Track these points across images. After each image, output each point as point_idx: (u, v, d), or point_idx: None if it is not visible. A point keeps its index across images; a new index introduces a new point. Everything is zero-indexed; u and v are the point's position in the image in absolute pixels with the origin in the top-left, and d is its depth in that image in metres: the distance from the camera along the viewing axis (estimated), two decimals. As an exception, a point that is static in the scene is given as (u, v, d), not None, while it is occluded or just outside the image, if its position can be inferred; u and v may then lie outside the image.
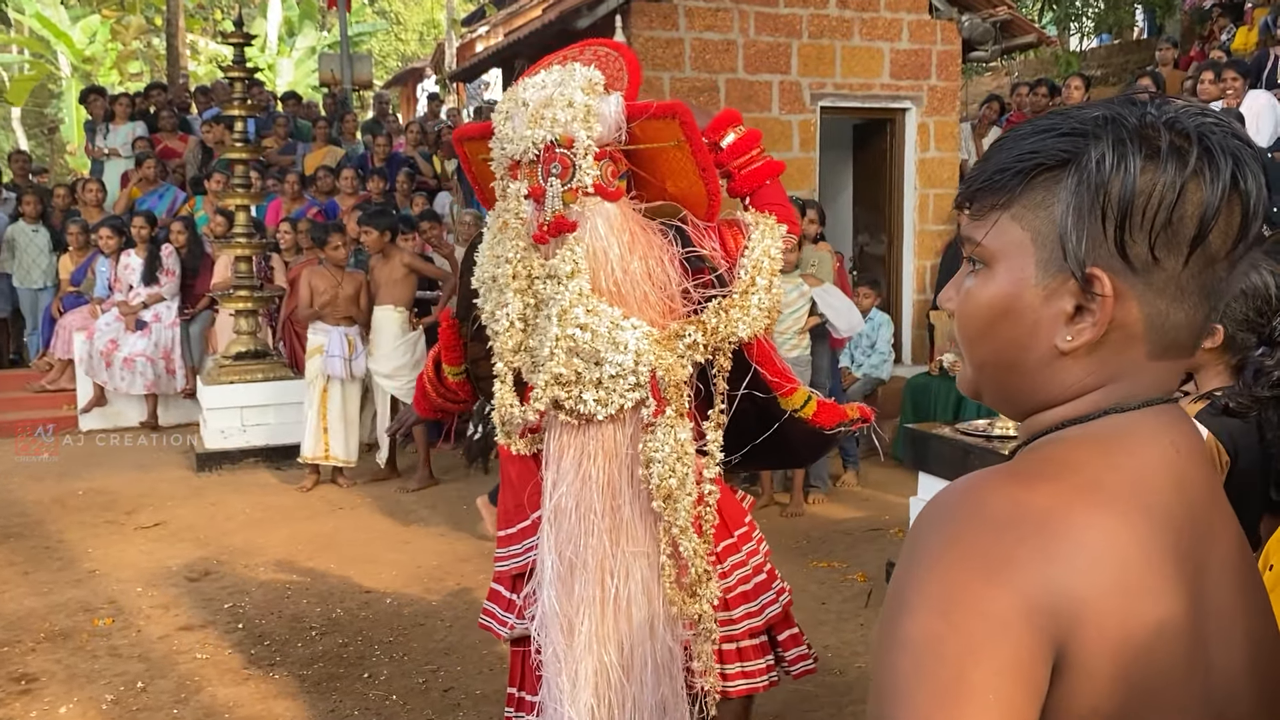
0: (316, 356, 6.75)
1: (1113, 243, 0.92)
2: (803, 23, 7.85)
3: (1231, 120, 0.95)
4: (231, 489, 6.92)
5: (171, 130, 11.46)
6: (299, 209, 9.70)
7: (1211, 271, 0.92)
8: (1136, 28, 16.42)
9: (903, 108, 8.24)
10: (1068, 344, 0.95)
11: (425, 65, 25.85)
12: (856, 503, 6.48)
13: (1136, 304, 0.93)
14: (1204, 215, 0.90)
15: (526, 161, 2.42)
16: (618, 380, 2.42)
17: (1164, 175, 0.90)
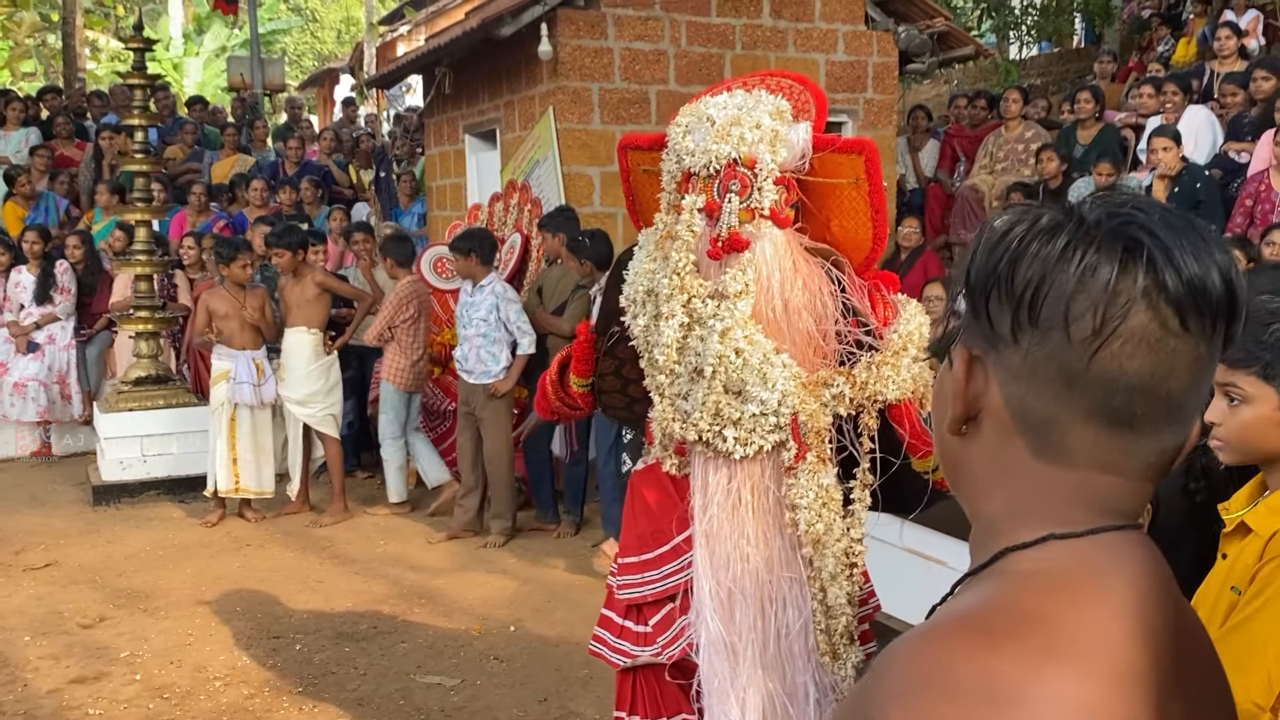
0: (222, 383, 6.62)
1: (977, 313, 0.93)
2: (736, 33, 7.92)
3: (1160, 208, 0.92)
4: (131, 525, 6.75)
5: (68, 137, 11.20)
6: (205, 222, 9.53)
7: (1070, 355, 0.89)
8: (1075, 36, 16.85)
9: (838, 121, 8.33)
10: (948, 422, 0.96)
11: (343, 65, 25.60)
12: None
13: (999, 390, 0.92)
14: (1068, 294, 0.88)
15: (704, 176, 2.53)
16: (759, 420, 2.51)
17: (1039, 252, 0.89)
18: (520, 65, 7.96)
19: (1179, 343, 0.88)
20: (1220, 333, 0.90)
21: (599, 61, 7.55)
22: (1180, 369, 0.89)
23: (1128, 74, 11.98)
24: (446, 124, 9.59)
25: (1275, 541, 1.78)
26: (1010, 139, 8.88)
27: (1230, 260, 0.90)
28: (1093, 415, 0.89)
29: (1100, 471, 0.90)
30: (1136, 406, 0.89)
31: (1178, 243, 0.88)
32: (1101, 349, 0.87)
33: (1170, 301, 0.87)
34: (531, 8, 7.27)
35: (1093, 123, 8.48)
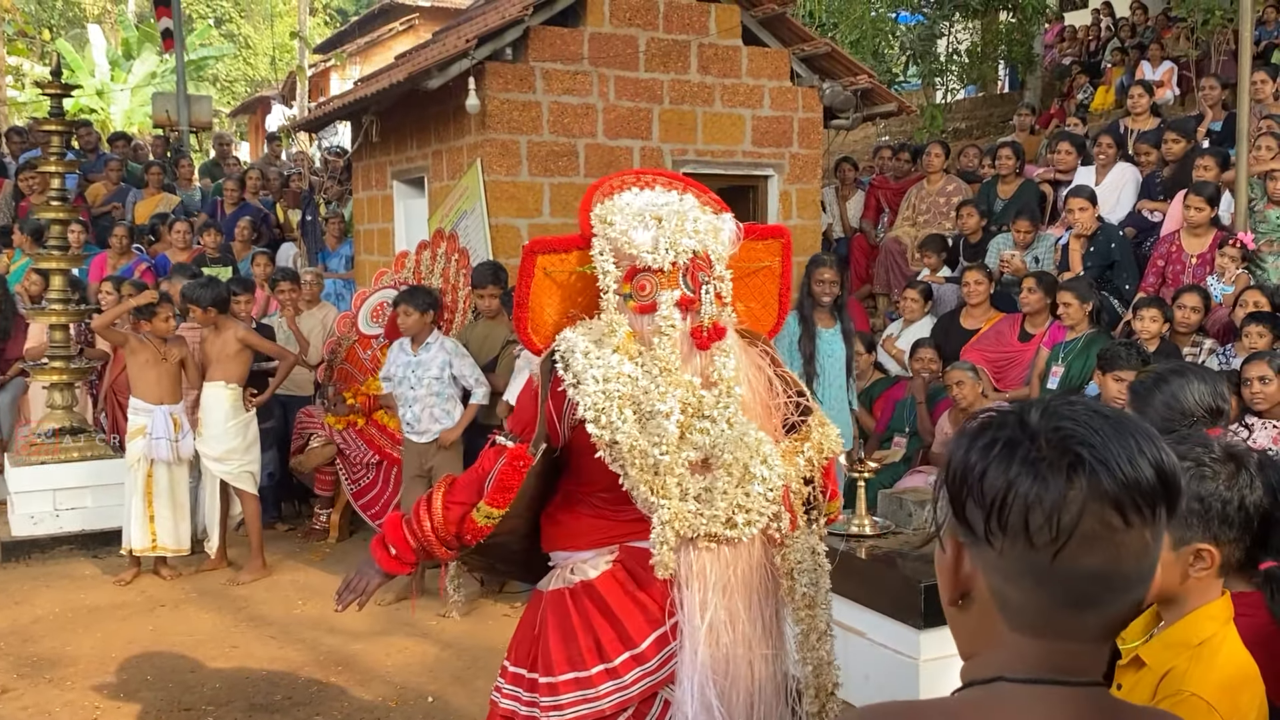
0: (139, 439, 6.49)
1: (958, 515, 1.11)
2: (664, 88, 8.00)
3: (1098, 417, 1.08)
4: (41, 583, 6.58)
5: (-15, 174, 10.95)
6: (126, 265, 9.37)
7: (1035, 557, 1.06)
8: (999, 81, 17.28)
9: (765, 175, 8.46)
10: (945, 598, 1.16)
11: (275, 94, 25.39)
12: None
13: (982, 577, 1.11)
14: (1027, 507, 1.05)
15: (666, 271, 2.65)
16: (761, 499, 2.64)
17: (1001, 467, 1.07)
18: (449, 115, 7.96)
19: (1125, 535, 1.06)
20: (1161, 514, 1.08)
21: (527, 114, 7.58)
22: (1130, 556, 1.07)
23: (1049, 120, 12.32)
24: (375, 168, 9.54)
25: (1168, 679, 1.80)
26: (932, 192, 9.07)
27: (1160, 451, 1.08)
28: (1059, 601, 1.07)
29: (1065, 640, 1.09)
30: (1096, 591, 1.07)
31: (1112, 449, 1.06)
32: (1061, 551, 1.05)
33: (1112, 504, 1.05)
34: (459, 60, 7.28)
35: (1013, 178, 8.70)
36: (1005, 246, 7.73)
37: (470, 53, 7.24)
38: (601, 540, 2.86)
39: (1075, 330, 6.31)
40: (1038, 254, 7.62)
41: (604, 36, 7.78)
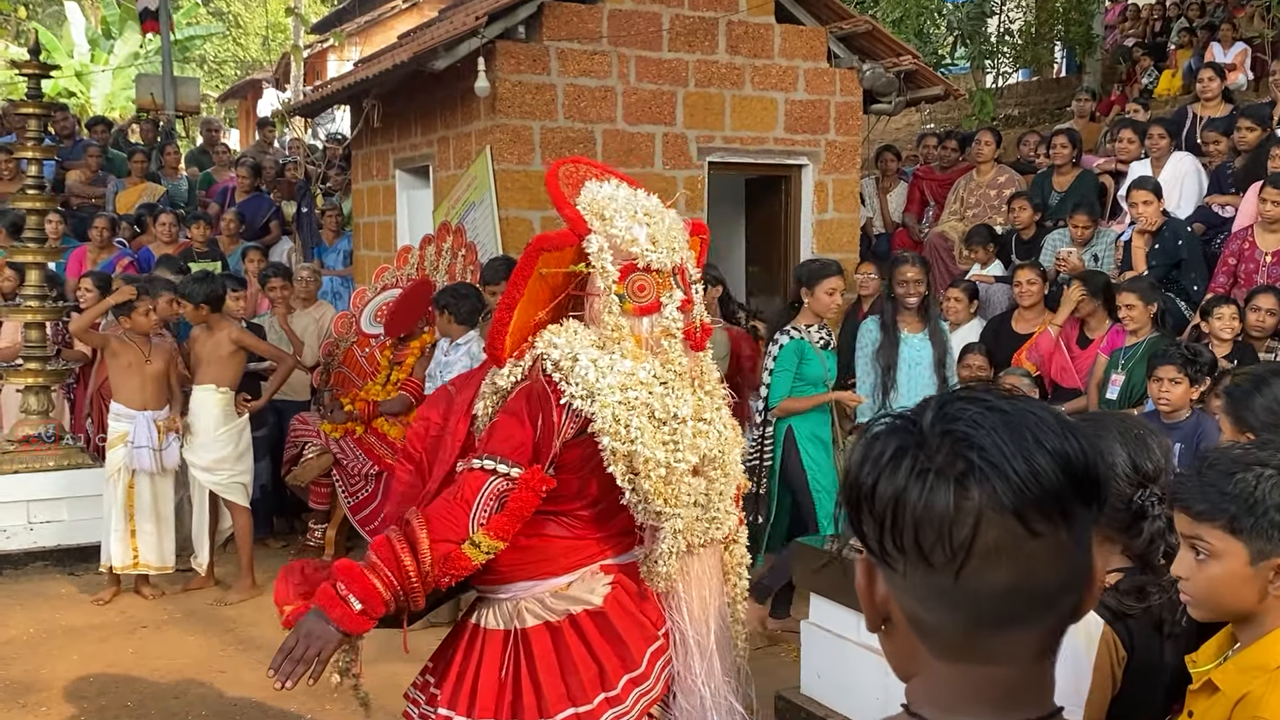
0: (119, 447, 6.53)
1: (860, 535, 1.07)
2: (689, 69, 8.02)
3: (995, 409, 1.03)
4: (13, 602, 6.63)
5: (-44, 161, 11.04)
6: (107, 259, 9.45)
7: (936, 577, 1.02)
8: (1056, 65, 17.24)
9: (798, 164, 8.46)
10: (869, 625, 1.12)
11: (267, 77, 25.53)
12: (745, 613, 6.52)
13: (895, 600, 1.07)
14: (916, 524, 1.01)
15: (660, 272, 2.83)
16: (731, 498, 2.97)
17: (890, 478, 1.03)
18: (456, 99, 8.01)
19: (1034, 544, 1.01)
20: (1078, 511, 1.02)
21: (540, 98, 7.62)
22: (1043, 564, 1.01)
23: (1109, 107, 12.29)
24: (376, 157, 9.60)
25: (1244, 705, 1.80)
26: (982, 184, 9.04)
27: (1065, 440, 1.02)
28: (975, 622, 1.03)
29: (996, 664, 1.04)
30: (1013, 608, 1.02)
31: (1005, 449, 1.00)
32: (963, 569, 1.00)
33: (1011, 512, 0.99)
34: (468, 40, 7.32)
35: (1069, 169, 8.66)
36: (1061, 243, 7.70)
37: (480, 31, 7.28)
38: (580, 561, 2.92)
39: (1137, 335, 6.28)
40: (1097, 251, 7.59)
41: (624, 13, 7.82)
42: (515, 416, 2.81)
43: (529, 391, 2.83)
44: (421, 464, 3.13)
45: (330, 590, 2.65)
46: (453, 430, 3.04)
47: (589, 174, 2.99)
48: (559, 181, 2.93)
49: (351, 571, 2.67)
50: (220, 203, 10.88)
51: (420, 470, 3.12)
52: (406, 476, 3.15)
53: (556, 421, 2.78)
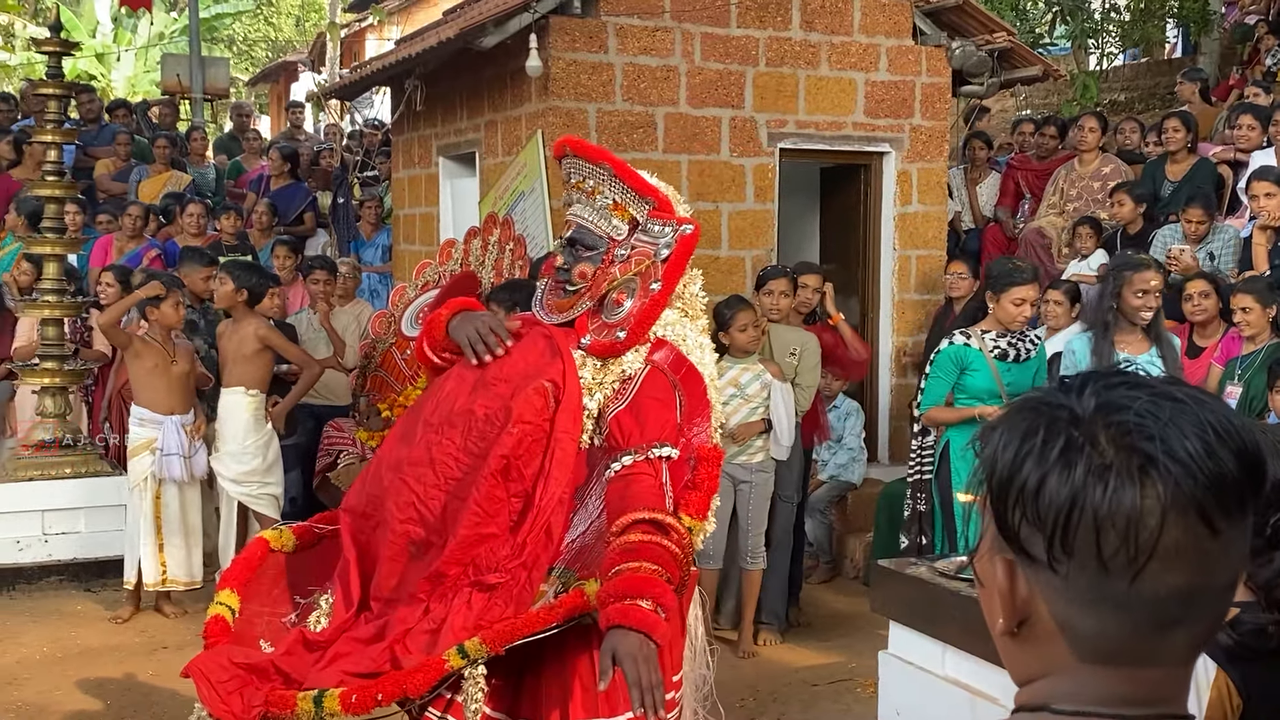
0: (144, 454, 6.65)
1: (1008, 536, 1.09)
2: (759, 47, 8.02)
3: (1158, 394, 1.05)
4: (26, 618, 6.78)
5: (-32, 147, 11.31)
6: (134, 250, 9.62)
7: (1110, 582, 1.05)
8: (1168, 44, 17.00)
9: (879, 151, 8.43)
10: (998, 627, 1.14)
11: (301, 58, 25.88)
12: (818, 644, 6.52)
13: (1043, 603, 1.09)
14: (1097, 527, 1.03)
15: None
16: None
17: (1062, 476, 1.04)
18: (505, 80, 8.08)
19: (1212, 543, 1.04)
20: (1250, 507, 1.06)
21: (597, 78, 7.66)
22: (1217, 564, 1.05)
23: (1227, 91, 12.09)
24: (418, 143, 9.70)
25: None
26: (1084, 174, 8.96)
27: (1236, 428, 1.05)
28: (1139, 626, 1.06)
29: (1145, 667, 1.08)
30: (1182, 611, 1.06)
31: (1187, 443, 1.03)
32: (1141, 573, 1.03)
33: (1196, 511, 1.02)
34: (519, 15, 7.39)
35: (1184, 156, 8.56)
36: (1173, 240, 7.61)
37: (532, 5, 7.34)
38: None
39: (1255, 341, 6.19)
40: (1213, 248, 7.49)
41: (689, -14, 7.85)
42: (661, 401, 3.15)
43: (662, 375, 3.19)
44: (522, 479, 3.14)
45: (641, 610, 2.71)
46: (566, 430, 3.13)
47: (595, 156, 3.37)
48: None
49: (651, 584, 2.76)
50: (255, 191, 11.05)
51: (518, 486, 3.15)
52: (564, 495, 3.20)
53: (693, 401, 3.22)
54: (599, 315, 3.28)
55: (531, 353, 3.24)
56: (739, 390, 6.22)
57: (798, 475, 6.62)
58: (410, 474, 3.14)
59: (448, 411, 3.19)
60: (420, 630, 3.00)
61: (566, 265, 3.31)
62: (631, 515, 2.90)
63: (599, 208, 3.30)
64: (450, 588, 3.04)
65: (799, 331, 6.58)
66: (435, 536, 3.09)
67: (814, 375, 6.50)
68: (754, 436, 6.23)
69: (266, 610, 3.36)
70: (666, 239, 3.27)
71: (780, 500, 6.47)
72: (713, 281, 7.55)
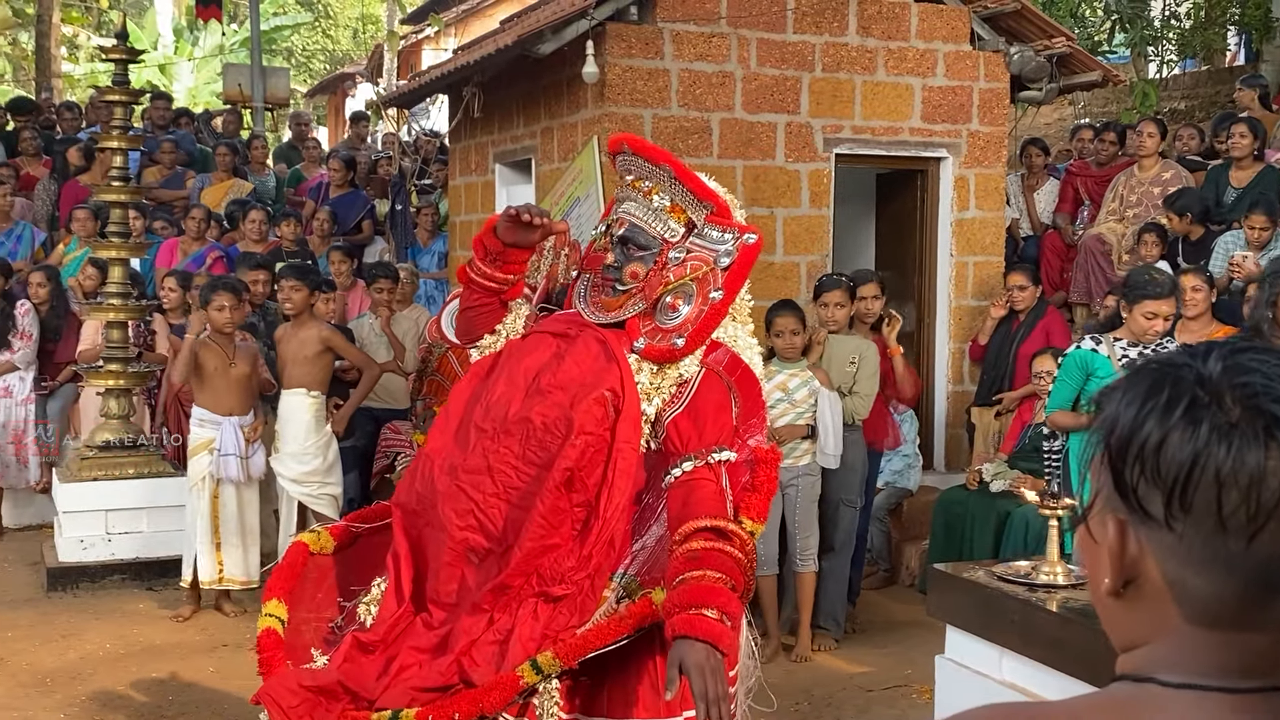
0: (203, 454, 6.75)
1: (1124, 493, 1.10)
2: (815, 53, 8.02)
3: None
4: (90, 615, 6.89)
5: (35, 154, 11.60)
6: (199, 250, 9.78)
7: (1226, 541, 1.06)
8: (1229, 52, 16.79)
9: (937, 156, 8.39)
10: (1104, 587, 1.15)
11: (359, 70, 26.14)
12: (873, 650, 6.50)
13: (1154, 562, 1.11)
14: (1219, 484, 1.05)
15: None
16: None
17: (1186, 434, 1.07)
18: (561, 86, 8.13)
19: None
20: None
21: (653, 84, 7.69)
22: None
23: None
24: (475, 150, 9.78)
25: None
26: (1144, 180, 8.88)
27: None
28: (1251, 589, 1.08)
29: (1252, 631, 1.10)
30: None
31: None
32: (1259, 533, 1.05)
33: None
34: (576, 22, 7.43)
35: (1250, 163, 8.46)
36: (1236, 247, 7.52)
37: (589, 12, 7.39)
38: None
39: (1326, 346, 6.09)
40: (1276, 255, 7.39)
41: (746, -8, 7.87)
42: (717, 404, 3.15)
43: (718, 378, 3.19)
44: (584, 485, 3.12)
45: (707, 619, 2.70)
46: (627, 439, 3.11)
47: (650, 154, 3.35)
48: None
49: (716, 593, 2.75)
50: (314, 198, 11.20)
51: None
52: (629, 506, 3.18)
53: (749, 403, 3.21)
54: (651, 318, 3.23)
55: (586, 358, 3.19)
56: (786, 395, 6.22)
57: (860, 480, 6.59)
58: (467, 481, 3.10)
59: (501, 417, 3.14)
60: (486, 641, 2.97)
61: (618, 264, 3.26)
62: (694, 523, 2.89)
63: (655, 208, 3.26)
64: (515, 598, 3.02)
65: (858, 340, 6.56)
66: (496, 545, 3.07)
67: (872, 384, 6.47)
68: (796, 440, 6.22)
69: (313, 616, 3.35)
70: (727, 246, 3.25)
71: (843, 504, 6.46)
72: (767, 288, 7.59)
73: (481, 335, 3.46)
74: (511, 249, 3.34)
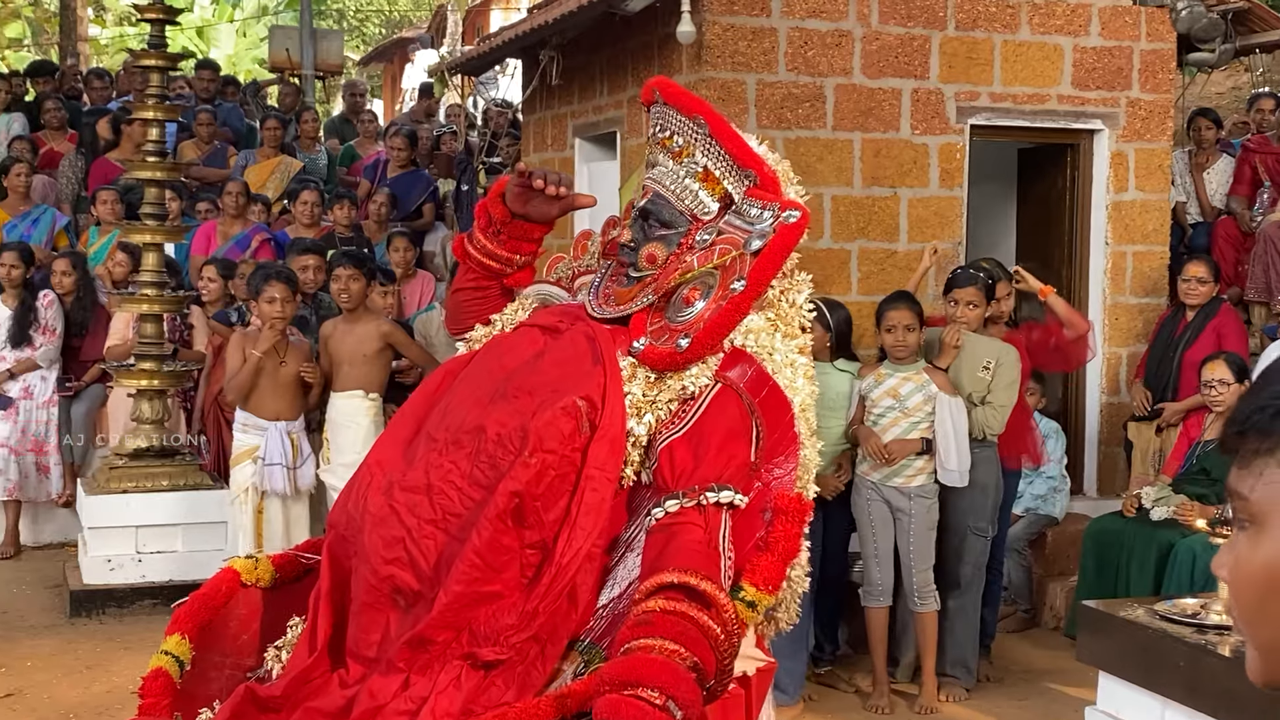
0: (245, 463, 6.87)
1: None
2: (947, 8, 7.95)
3: None
4: (117, 645, 7.01)
5: (59, 128, 11.87)
6: (241, 232, 9.93)
7: None
8: None
9: (1089, 129, 8.28)
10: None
11: (419, 35, 26.45)
12: (1010, 701, 6.44)
13: None
14: None
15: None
16: None
17: None
18: (652, 49, 8.15)
19: None
20: None
21: (758, 45, 7.69)
22: None
23: None
24: (552, 122, 9.85)
25: None
26: (1336, 158, 8.72)
27: None
28: None
29: None
30: None
31: None
32: None
33: None
34: (670, -26, 7.46)
35: None
36: None
37: (685, -38, 7.41)
38: None
39: None
40: None
41: (867, -61, 7.84)
42: (729, 430, 2.81)
43: (735, 397, 2.84)
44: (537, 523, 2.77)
45: (640, 705, 2.28)
46: (600, 464, 2.77)
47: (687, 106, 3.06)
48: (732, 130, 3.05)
49: (663, 670, 2.34)
50: (370, 178, 11.34)
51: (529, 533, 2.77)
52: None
53: (775, 433, 2.84)
54: (661, 314, 2.95)
55: (566, 357, 2.90)
56: (898, 402, 6.18)
57: (993, 504, 6.52)
58: (402, 501, 2.78)
59: (456, 425, 2.84)
60: (394, 711, 2.63)
61: (634, 243, 3.01)
62: (659, 578, 2.52)
63: (685, 174, 3.02)
64: (438, 658, 2.68)
65: (995, 342, 6.49)
66: (427, 588, 2.74)
67: (1010, 394, 6.40)
68: (908, 456, 6.17)
69: (228, 660, 3.08)
70: (764, 225, 2.93)
71: (971, 533, 6.40)
72: (889, 280, 7.56)
73: (472, 325, 3.23)
74: (521, 222, 3.15)
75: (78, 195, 11.17)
